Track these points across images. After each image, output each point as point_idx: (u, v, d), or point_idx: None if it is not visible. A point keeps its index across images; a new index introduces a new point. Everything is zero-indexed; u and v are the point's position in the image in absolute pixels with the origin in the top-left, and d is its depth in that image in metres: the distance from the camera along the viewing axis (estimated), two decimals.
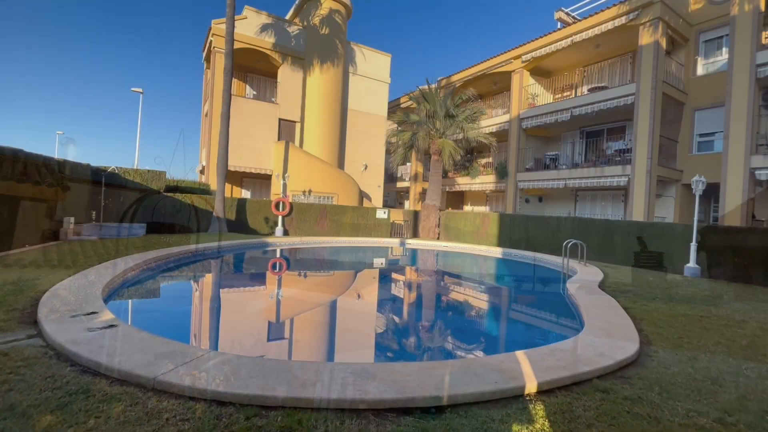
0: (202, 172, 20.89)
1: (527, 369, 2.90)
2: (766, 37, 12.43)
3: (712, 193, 16.03)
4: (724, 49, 14.62)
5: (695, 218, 9.95)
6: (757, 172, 11.46)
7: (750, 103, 11.56)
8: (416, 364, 2.91)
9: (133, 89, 21.30)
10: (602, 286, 7.13)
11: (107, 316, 3.66)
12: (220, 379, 2.46)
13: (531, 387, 2.68)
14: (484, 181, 21.09)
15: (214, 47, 17.51)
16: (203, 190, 16.76)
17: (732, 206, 11.81)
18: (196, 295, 6.90)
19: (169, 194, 13.87)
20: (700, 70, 15.19)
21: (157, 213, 13.59)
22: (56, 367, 2.64)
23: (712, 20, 14.63)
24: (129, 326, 3.41)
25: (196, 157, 24.21)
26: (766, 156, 11.33)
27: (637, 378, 3.03)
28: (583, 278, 7.87)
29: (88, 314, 3.67)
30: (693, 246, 9.87)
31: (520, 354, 3.23)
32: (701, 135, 15.07)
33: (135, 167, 20.12)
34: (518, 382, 2.70)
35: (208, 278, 8.38)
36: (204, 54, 21.31)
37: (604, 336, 3.86)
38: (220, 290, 7.38)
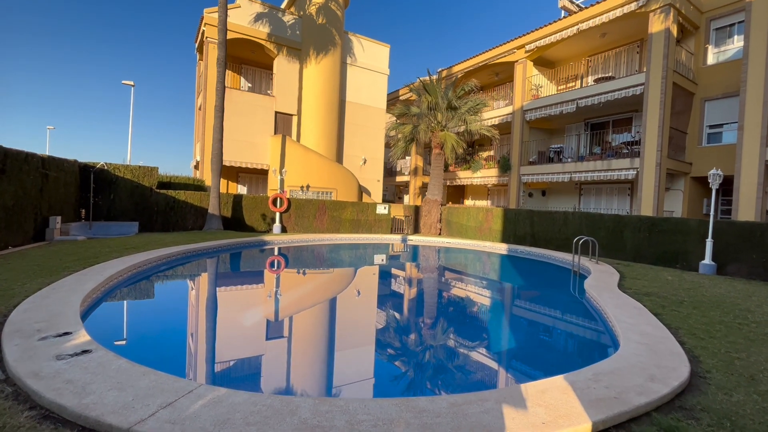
0: (196, 167, 20.30)
1: (574, 402, 2.46)
2: None
3: (720, 185, 15.69)
4: (736, 37, 14.14)
5: (711, 213, 9.54)
6: None
7: (766, 93, 11.11)
8: (445, 399, 2.46)
9: (124, 82, 20.58)
10: (621, 286, 6.73)
11: (82, 338, 3.18)
12: (209, 429, 2.00)
13: (585, 428, 2.24)
14: (486, 175, 20.62)
15: (206, 37, 16.83)
16: (198, 187, 16.21)
17: (746, 200, 11.41)
18: (186, 306, 6.25)
19: (162, 191, 13.32)
20: (711, 59, 14.71)
21: (150, 210, 13.06)
22: (10, 412, 2.17)
23: (724, 7, 14.12)
24: (106, 352, 2.94)
25: (191, 152, 23.58)
26: None
27: (700, 410, 2.60)
28: (600, 278, 7.45)
29: (61, 335, 3.20)
30: (709, 242, 9.48)
31: (560, 381, 2.78)
32: (711, 126, 14.64)
33: (128, 163, 19.54)
34: (570, 421, 2.25)
35: (201, 285, 7.68)
36: (196, 45, 20.59)
37: (647, 353, 3.43)
38: (213, 301, 6.63)
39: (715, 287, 7.09)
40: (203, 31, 17.18)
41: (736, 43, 14.09)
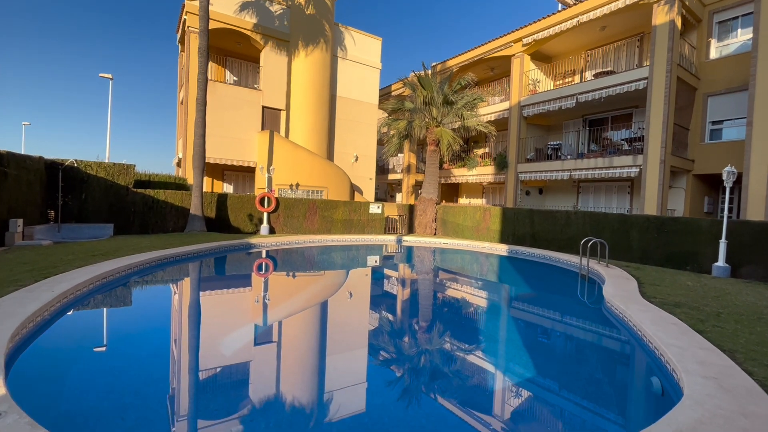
0: (178, 165, 19.28)
1: None
2: None
3: (720, 183, 15.36)
4: (740, 31, 13.75)
5: (725, 213, 9.05)
6: None
7: None
8: None
9: (101, 75, 19.39)
10: (644, 295, 6.13)
11: None
12: None
13: None
14: (481, 173, 20.03)
15: (188, 27, 15.82)
16: (180, 185, 15.26)
17: (756, 198, 10.99)
18: (159, 336, 4.76)
19: (140, 190, 12.37)
20: (713, 54, 14.30)
21: (126, 211, 12.11)
22: None
23: None
24: (22, 417, 2.15)
25: (173, 149, 22.48)
26: None
27: None
28: (617, 284, 6.86)
29: None
30: (723, 243, 8.99)
31: None
32: (713, 122, 14.25)
33: (106, 160, 18.41)
34: None
35: (177, 304, 6.34)
36: (178, 36, 19.50)
37: (721, 393, 2.78)
38: (192, 332, 5.05)
39: (741, 294, 6.54)
40: (184, 20, 16.17)
41: (740, 36, 13.70)
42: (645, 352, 4.12)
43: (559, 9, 17.12)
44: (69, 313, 4.81)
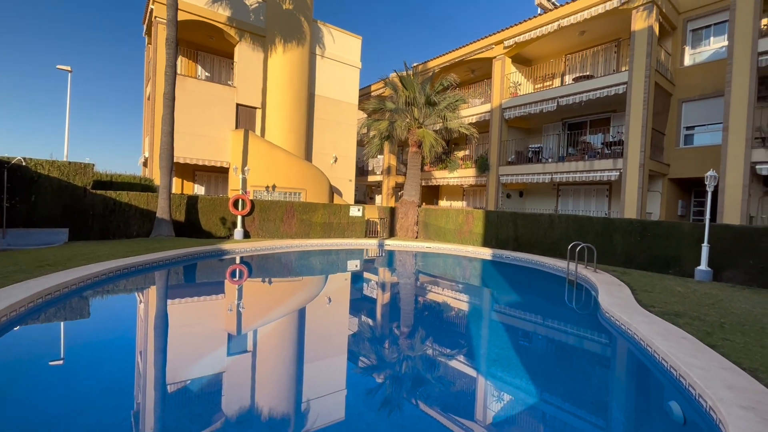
0: (145, 164, 18.08)
1: None
2: (765, 25, 11.89)
3: (692, 187, 15.76)
4: (712, 39, 14.14)
5: (707, 217, 9.09)
6: (758, 166, 10.88)
7: (751, 94, 10.92)
8: None
9: (59, 67, 17.96)
10: (641, 303, 5.91)
11: None
12: None
13: None
14: (463, 175, 19.86)
15: (155, 17, 14.81)
16: (146, 186, 14.21)
17: (732, 202, 11.20)
18: (99, 370, 3.75)
19: (100, 192, 11.35)
20: (687, 61, 14.65)
21: (84, 215, 11.07)
22: None
23: (701, 8, 14.05)
24: None
25: (139, 147, 21.15)
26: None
27: None
28: (611, 292, 6.64)
29: None
30: (705, 247, 9.03)
31: None
32: (687, 128, 14.58)
33: (65, 158, 17.00)
34: None
35: (132, 332, 5.22)
36: (144, 26, 18.34)
37: (765, 427, 2.45)
38: (150, 356, 4.22)
39: (734, 300, 6.46)
40: (152, 9, 15.14)
41: (712, 45, 14.08)
42: (659, 371, 3.80)
43: (539, 13, 17.19)
44: None
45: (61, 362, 3.96)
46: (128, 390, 3.43)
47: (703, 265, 9.09)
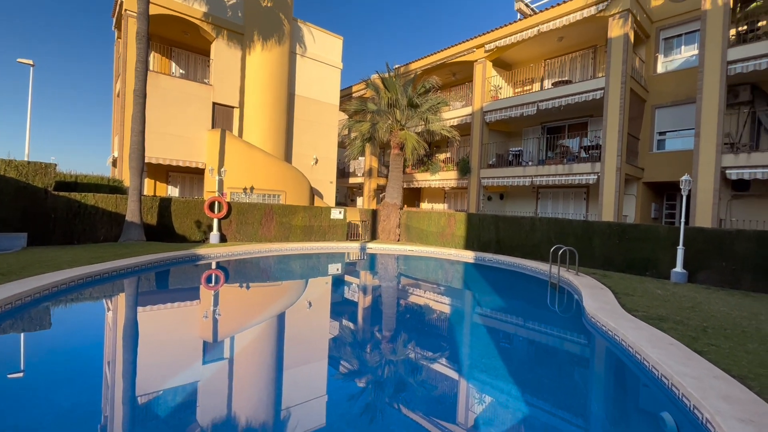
0: (114, 164, 17.24)
1: None
2: (734, 35, 12.37)
3: (665, 190, 16.28)
4: (683, 48, 14.62)
5: (682, 220, 9.32)
6: (728, 171, 11.27)
7: (721, 101, 11.32)
8: None
9: (20, 60, 16.92)
10: (625, 307, 5.93)
11: None
12: None
13: None
14: (444, 178, 19.88)
15: (125, 10, 14.12)
16: (114, 188, 13.48)
17: (703, 206, 11.56)
18: (57, 394, 3.24)
19: (63, 193, 10.66)
20: (660, 68, 15.11)
21: (45, 218, 10.36)
22: None
23: (673, 17, 14.52)
24: None
25: (108, 146, 20.18)
26: (737, 155, 11.15)
27: None
28: (594, 295, 6.65)
29: None
30: (680, 250, 9.25)
31: None
32: (660, 133, 15.03)
33: (26, 158, 15.96)
34: None
35: (104, 342, 4.77)
36: (114, 20, 17.51)
37: None
38: (118, 378, 3.67)
39: (711, 303, 6.57)
40: (121, 2, 14.44)
41: (684, 53, 14.56)
42: (650, 379, 3.74)
43: (518, 18, 17.40)
44: None
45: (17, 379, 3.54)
46: (93, 407, 3.07)
47: (679, 267, 9.31)
